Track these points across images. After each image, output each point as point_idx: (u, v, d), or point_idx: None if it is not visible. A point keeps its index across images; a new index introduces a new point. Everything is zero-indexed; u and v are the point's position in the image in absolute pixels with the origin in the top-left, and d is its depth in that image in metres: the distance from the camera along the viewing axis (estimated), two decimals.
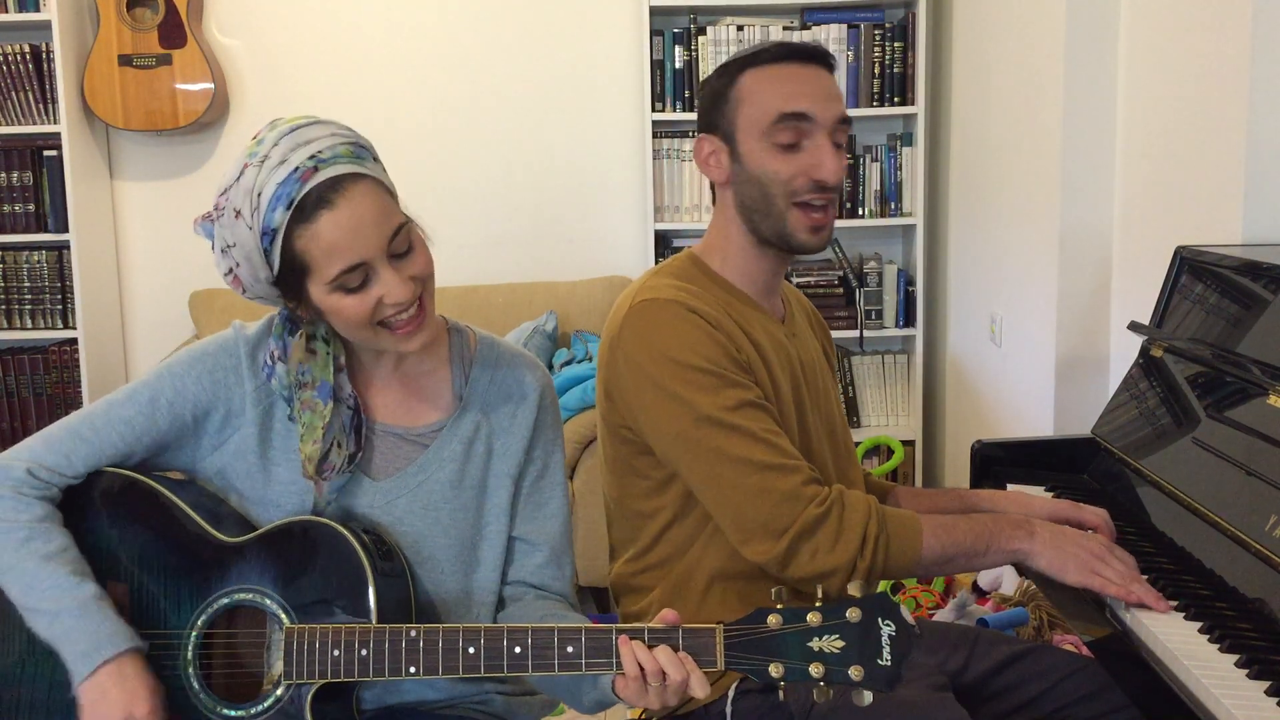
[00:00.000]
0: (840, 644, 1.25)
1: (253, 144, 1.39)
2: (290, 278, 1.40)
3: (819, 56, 1.64)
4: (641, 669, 1.29)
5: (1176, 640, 1.41)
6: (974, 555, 1.54)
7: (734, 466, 1.51)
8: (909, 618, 1.32)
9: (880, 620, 1.25)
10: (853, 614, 1.26)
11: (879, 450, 4.03)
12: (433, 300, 1.47)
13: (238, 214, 1.37)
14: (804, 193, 1.61)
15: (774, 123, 1.60)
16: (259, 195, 1.35)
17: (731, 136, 1.64)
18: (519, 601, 1.56)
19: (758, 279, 1.70)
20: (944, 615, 2.84)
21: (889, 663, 1.25)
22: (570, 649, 1.32)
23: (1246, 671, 1.33)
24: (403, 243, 1.40)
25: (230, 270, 1.43)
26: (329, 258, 1.36)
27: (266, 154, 1.36)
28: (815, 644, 1.26)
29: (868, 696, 1.25)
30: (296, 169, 1.35)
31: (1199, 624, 1.44)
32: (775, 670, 1.26)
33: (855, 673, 1.24)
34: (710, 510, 1.57)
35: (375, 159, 1.43)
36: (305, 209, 1.35)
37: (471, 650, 1.34)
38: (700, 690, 1.28)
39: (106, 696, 1.37)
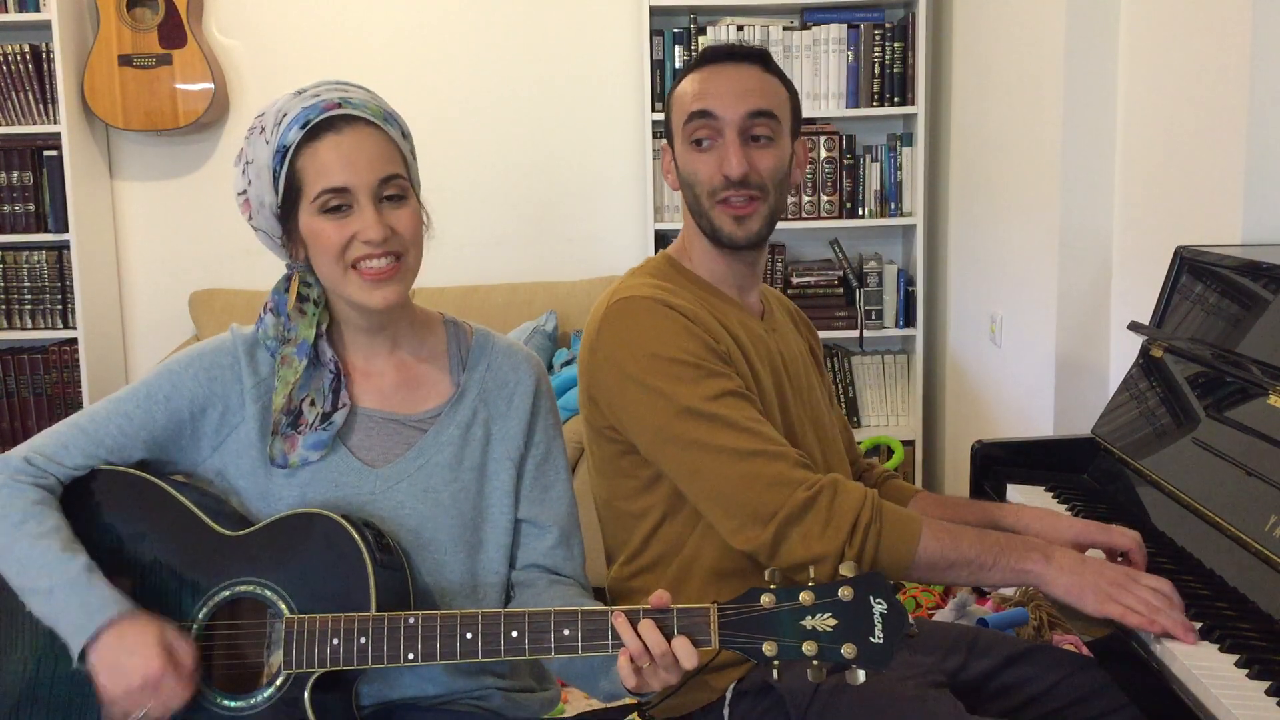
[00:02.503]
0: (833, 622, 1.27)
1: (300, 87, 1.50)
2: (288, 205, 1.47)
3: (740, 55, 1.68)
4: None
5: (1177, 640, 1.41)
6: (978, 568, 1.49)
7: (718, 456, 1.51)
8: (908, 616, 1.32)
9: (872, 598, 1.27)
10: (845, 593, 1.27)
11: (879, 450, 4.03)
12: (411, 272, 1.51)
13: (263, 130, 1.47)
14: (721, 191, 1.64)
15: (685, 123, 1.66)
16: (284, 116, 1.45)
17: (671, 142, 1.71)
18: (532, 587, 1.57)
19: (727, 277, 1.72)
20: (944, 615, 2.84)
21: (881, 640, 1.26)
22: (566, 631, 1.34)
23: (1246, 671, 1.33)
24: (394, 189, 1.47)
25: (244, 190, 1.50)
26: (319, 175, 1.44)
27: (306, 89, 1.49)
28: (808, 622, 1.27)
29: (861, 675, 1.26)
30: (323, 100, 1.45)
31: (1199, 625, 1.44)
32: (769, 648, 1.28)
33: (848, 650, 1.26)
34: (697, 503, 1.57)
35: (405, 135, 1.52)
36: (316, 132, 1.44)
37: (469, 635, 1.36)
38: (688, 661, 1.30)
39: (116, 665, 1.37)
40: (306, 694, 1.40)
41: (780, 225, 1.78)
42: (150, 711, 1.38)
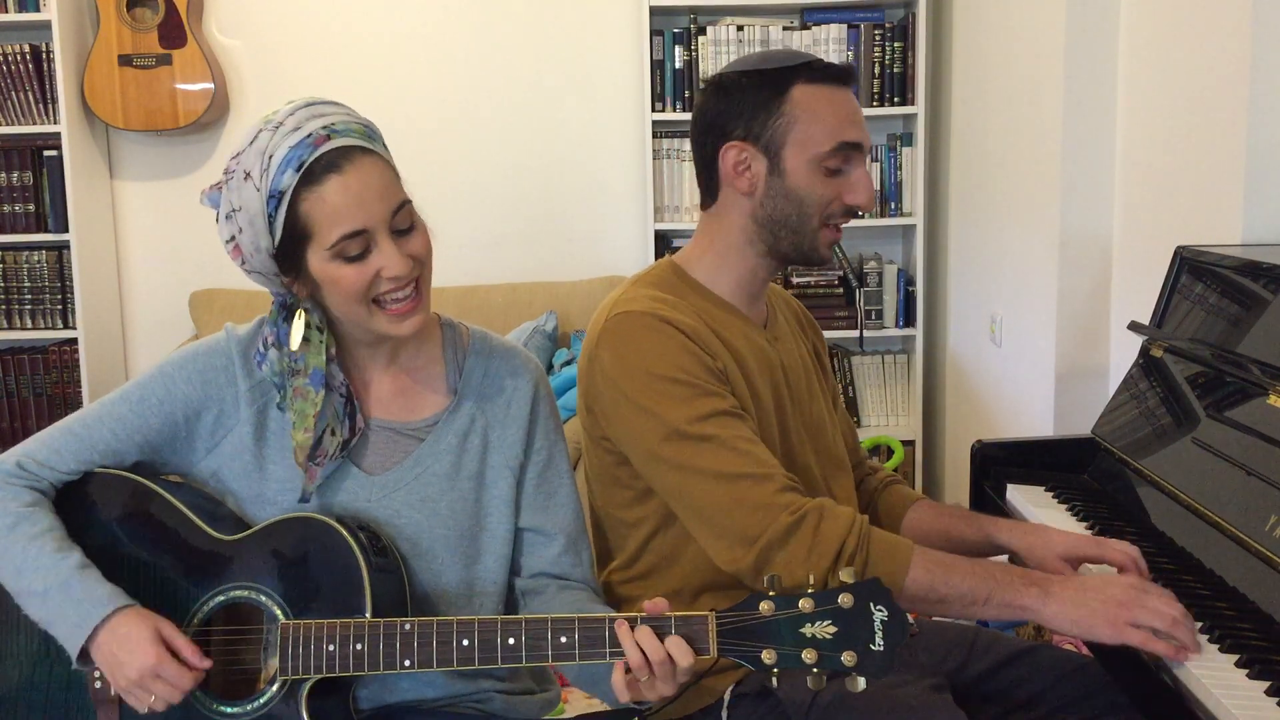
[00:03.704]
0: (833, 630, 1.25)
1: (268, 114, 1.42)
2: (290, 247, 1.41)
3: (856, 79, 1.68)
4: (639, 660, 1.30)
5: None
6: (970, 603, 1.44)
7: (705, 478, 1.50)
8: (908, 616, 1.32)
9: (872, 605, 1.26)
10: (845, 599, 1.26)
11: (879, 450, 4.03)
12: (429, 287, 1.48)
13: (247, 176, 1.39)
14: (838, 216, 1.63)
15: (832, 150, 1.60)
16: (270, 157, 1.37)
17: (776, 151, 1.61)
18: (541, 595, 1.56)
19: (748, 286, 1.69)
20: None
21: (882, 647, 1.25)
22: (564, 639, 1.33)
23: (1247, 671, 1.33)
24: (405, 219, 1.43)
25: (232, 237, 1.43)
26: (332, 222, 1.38)
27: (281, 121, 1.40)
28: (808, 630, 1.26)
29: (861, 682, 1.25)
30: (310, 135, 1.38)
31: (1199, 624, 1.44)
32: (768, 657, 1.26)
33: (848, 658, 1.25)
34: (685, 523, 1.55)
35: (384, 146, 1.47)
36: (314, 173, 1.37)
37: (465, 642, 1.35)
38: (684, 659, 1.28)
39: (116, 661, 1.37)
40: (303, 700, 1.40)
41: None
42: (157, 701, 1.38)
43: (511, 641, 1.34)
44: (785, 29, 3.93)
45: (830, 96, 1.61)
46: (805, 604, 1.26)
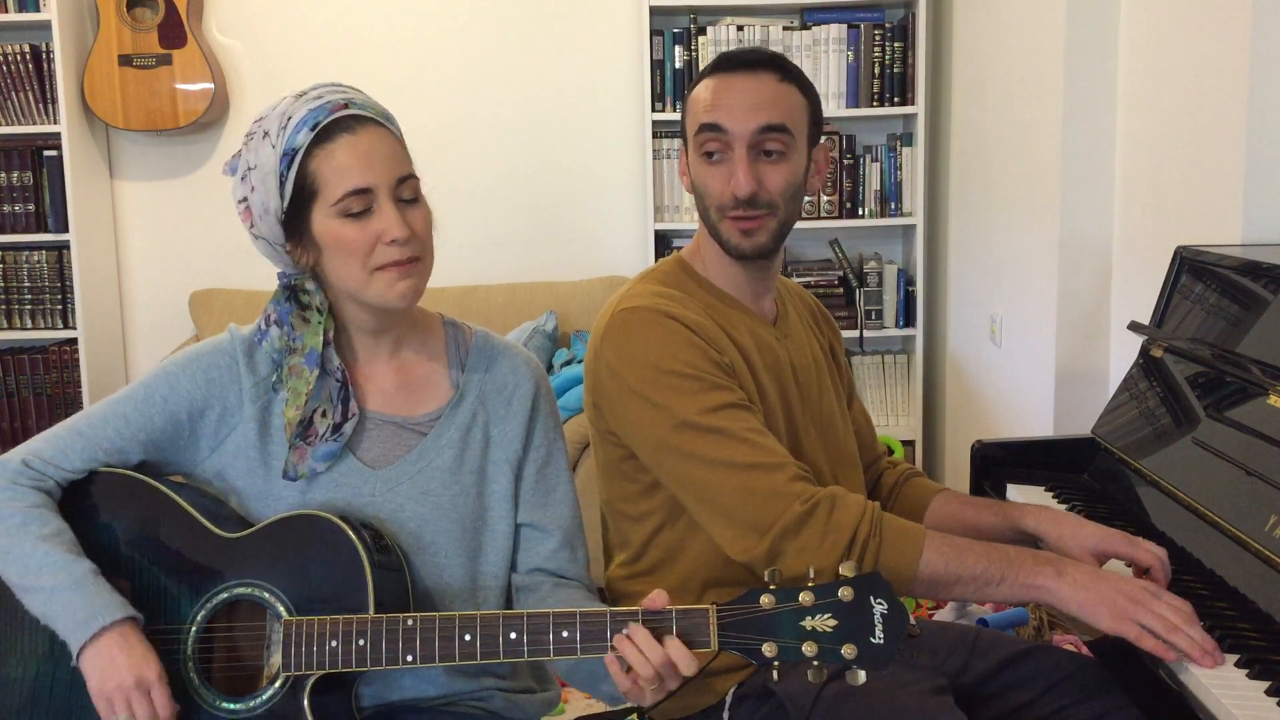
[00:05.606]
0: (833, 623, 1.26)
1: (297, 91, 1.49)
2: (297, 207, 1.45)
3: (757, 63, 1.63)
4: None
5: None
6: (984, 584, 1.45)
7: (716, 469, 1.50)
8: (909, 617, 1.32)
9: (873, 599, 1.26)
10: (845, 593, 1.27)
11: None
12: (428, 266, 1.50)
13: (265, 134, 1.45)
14: (730, 208, 1.61)
15: (695, 134, 1.63)
16: (289, 119, 1.44)
17: (685, 145, 1.68)
18: (536, 591, 1.57)
19: (739, 282, 1.70)
20: (944, 615, 2.84)
21: (882, 640, 1.26)
22: (565, 634, 1.34)
23: (1246, 671, 1.33)
24: (409, 190, 1.48)
25: (245, 198, 1.48)
26: (339, 177, 1.43)
27: (305, 92, 1.47)
28: (808, 623, 1.27)
29: (862, 675, 1.26)
30: (329, 102, 1.45)
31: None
32: (769, 649, 1.27)
33: (848, 651, 1.26)
34: (695, 515, 1.56)
35: (399, 132, 1.52)
36: (328, 132, 1.43)
37: (468, 637, 1.36)
38: (686, 666, 1.29)
39: (114, 662, 1.38)
40: (306, 696, 1.40)
41: None
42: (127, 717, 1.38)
43: (513, 636, 1.35)
44: (785, 29, 3.93)
45: (709, 85, 1.63)
46: (805, 597, 1.27)
